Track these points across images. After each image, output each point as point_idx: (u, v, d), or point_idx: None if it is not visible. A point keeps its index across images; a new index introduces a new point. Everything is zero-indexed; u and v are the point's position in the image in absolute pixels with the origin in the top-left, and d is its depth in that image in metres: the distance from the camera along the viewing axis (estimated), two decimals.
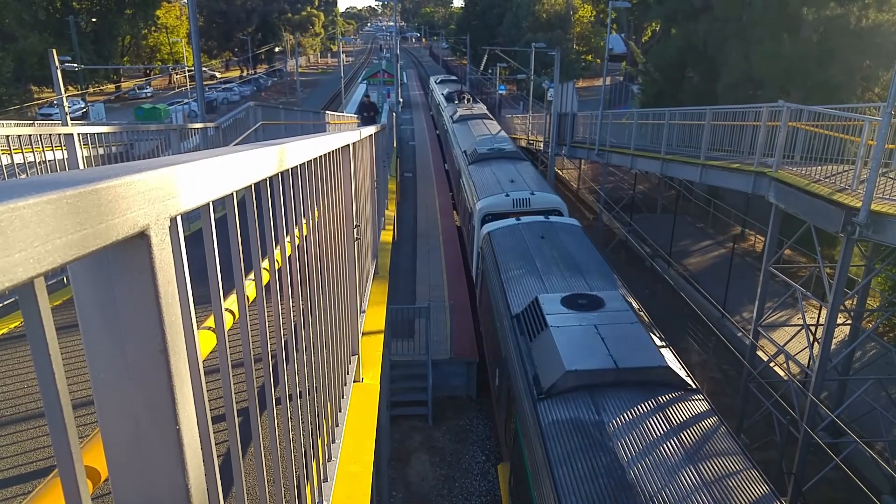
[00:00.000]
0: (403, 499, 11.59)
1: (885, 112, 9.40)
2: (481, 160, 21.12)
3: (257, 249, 1.47)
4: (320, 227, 2.47)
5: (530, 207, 16.19)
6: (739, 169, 13.80)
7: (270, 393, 1.54)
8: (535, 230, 14.12)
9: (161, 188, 0.80)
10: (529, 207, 16.18)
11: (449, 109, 38.21)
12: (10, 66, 40.77)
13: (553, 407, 7.53)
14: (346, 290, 3.40)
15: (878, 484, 11.57)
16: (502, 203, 16.34)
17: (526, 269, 11.96)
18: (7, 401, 3.50)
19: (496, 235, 14.29)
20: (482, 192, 17.50)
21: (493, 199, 16.61)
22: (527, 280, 11.49)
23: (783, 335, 13.51)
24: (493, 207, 16.24)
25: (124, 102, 58.00)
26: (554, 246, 13.16)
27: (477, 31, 77.26)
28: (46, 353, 0.63)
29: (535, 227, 14.31)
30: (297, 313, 1.98)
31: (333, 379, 2.84)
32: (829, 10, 20.01)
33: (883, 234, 9.55)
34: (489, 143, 23.49)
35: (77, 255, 0.61)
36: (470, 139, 25.74)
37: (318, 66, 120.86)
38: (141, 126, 9.80)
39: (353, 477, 2.95)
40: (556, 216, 15.89)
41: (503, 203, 16.34)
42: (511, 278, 11.78)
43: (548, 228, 14.31)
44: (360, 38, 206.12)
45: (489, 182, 18.29)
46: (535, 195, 16.64)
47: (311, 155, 2.18)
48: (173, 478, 0.86)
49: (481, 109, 37.09)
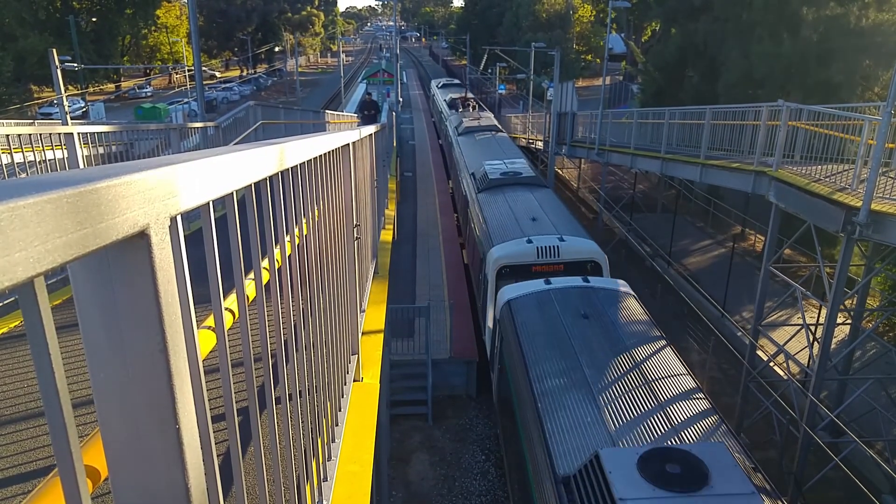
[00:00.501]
0: (403, 498, 11.59)
1: (884, 111, 9.40)
2: (493, 187, 17.80)
3: (257, 249, 1.47)
4: (320, 227, 2.47)
5: (559, 258, 12.92)
6: (739, 168, 13.80)
7: (270, 392, 1.54)
8: (574, 303, 10.44)
9: (161, 187, 0.80)
10: (558, 258, 12.91)
11: (453, 119, 33.21)
12: (10, 65, 40.78)
13: None
14: (345, 289, 3.40)
15: (877, 484, 11.58)
16: (523, 252, 13.01)
17: (569, 380, 8.22)
18: (7, 400, 3.50)
19: (519, 308, 10.66)
20: (497, 233, 14.19)
21: (511, 246, 13.26)
22: (574, 405, 7.69)
23: (783, 335, 13.51)
24: (512, 258, 12.99)
25: (124, 102, 58.00)
26: (604, 332, 9.46)
27: (477, 31, 77.31)
28: (46, 353, 0.63)
29: (572, 298, 10.63)
30: (297, 313, 1.98)
31: (333, 378, 2.84)
32: (829, 9, 20.01)
33: (883, 234, 9.55)
34: (502, 165, 19.74)
35: (77, 254, 0.61)
36: (478, 158, 21.90)
37: (318, 65, 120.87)
38: (141, 125, 9.81)
39: (352, 476, 2.95)
40: (593, 270, 12.84)
41: (524, 252, 13.00)
42: (549, 399, 7.96)
43: (590, 300, 10.57)
44: (360, 38, 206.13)
45: (505, 219, 14.96)
46: (566, 241, 13.20)
47: (311, 154, 2.18)
48: (173, 477, 0.86)
49: (489, 119, 32.03)
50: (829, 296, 10.68)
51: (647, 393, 7.66)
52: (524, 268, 12.77)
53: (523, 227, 14.12)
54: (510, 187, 17.63)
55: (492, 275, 12.95)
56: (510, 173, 18.53)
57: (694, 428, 7.09)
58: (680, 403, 7.47)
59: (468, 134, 27.56)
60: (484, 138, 26.32)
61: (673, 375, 8.14)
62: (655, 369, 8.23)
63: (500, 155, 22.12)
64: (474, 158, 22.22)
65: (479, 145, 24.80)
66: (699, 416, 7.33)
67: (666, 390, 7.72)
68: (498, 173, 18.53)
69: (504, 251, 13.13)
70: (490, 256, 13.28)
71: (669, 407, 7.37)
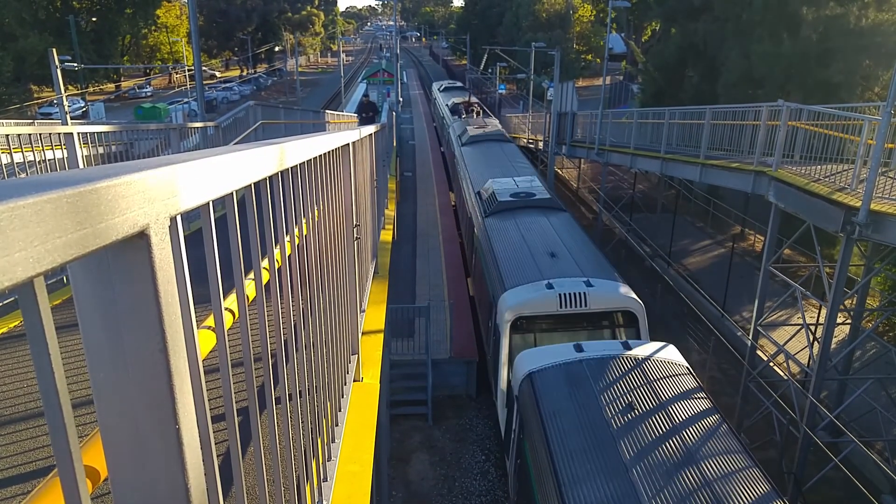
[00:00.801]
0: (403, 498, 11.59)
1: (884, 111, 9.40)
2: (503, 211, 15.60)
3: (257, 249, 1.47)
4: (320, 227, 2.47)
5: (587, 307, 10.67)
6: (739, 168, 13.80)
7: (270, 392, 1.54)
8: (615, 383, 8.15)
9: (161, 187, 0.80)
10: (586, 307, 10.68)
11: (456, 127, 30.12)
12: (10, 65, 40.80)
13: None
14: (345, 289, 3.40)
15: (877, 483, 11.58)
16: (542, 300, 10.79)
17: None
18: (7, 400, 3.50)
19: (545, 388, 8.32)
20: (509, 273, 12.00)
21: (527, 291, 11.10)
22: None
23: (783, 335, 13.52)
24: (529, 307, 10.83)
25: (124, 102, 58.01)
26: (659, 434, 7.06)
27: (477, 31, 77.38)
28: (46, 353, 0.63)
29: (612, 376, 8.28)
30: (297, 313, 1.98)
31: (333, 378, 2.84)
32: (829, 9, 20.02)
33: (882, 234, 9.55)
34: (512, 184, 17.43)
35: (77, 254, 0.61)
36: (485, 174, 19.47)
37: (318, 65, 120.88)
38: (141, 125, 9.80)
39: (352, 476, 2.95)
40: (626, 322, 10.85)
41: (544, 300, 10.78)
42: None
43: (635, 379, 8.20)
44: (360, 38, 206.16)
45: (518, 254, 12.82)
46: (594, 287, 10.88)
47: (311, 154, 2.18)
48: (173, 477, 0.86)
49: (495, 127, 29.10)
50: (828, 296, 10.68)
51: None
52: (544, 319, 10.86)
53: (541, 265, 12.02)
54: (522, 211, 15.50)
55: (505, 327, 10.83)
56: (522, 194, 16.31)
57: None
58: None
59: (473, 144, 24.96)
60: (491, 149, 23.90)
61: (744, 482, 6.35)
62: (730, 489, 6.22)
63: (509, 170, 20.13)
64: (480, 174, 19.88)
65: (486, 157, 22.42)
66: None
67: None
68: (508, 194, 16.31)
69: (519, 299, 10.96)
70: (502, 304, 11.14)
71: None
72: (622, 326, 10.84)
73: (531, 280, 11.42)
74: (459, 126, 29.57)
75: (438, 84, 56.23)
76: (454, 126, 30.74)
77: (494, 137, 25.80)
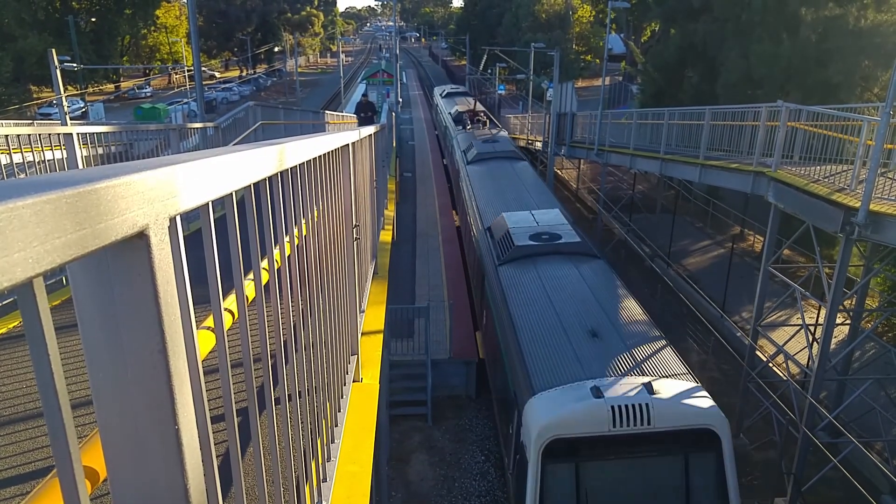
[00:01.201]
0: (403, 499, 11.58)
1: (883, 112, 9.40)
2: (522, 258, 12.59)
3: (256, 249, 1.47)
4: (320, 227, 2.47)
5: (650, 425, 7.63)
6: (738, 169, 13.80)
7: (270, 393, 1.54)
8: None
9: (160, 188, 0.80)
10: (648, 424, 7.63)
11: (461, 140, 26.38)
12: (10, 65, 40.79)
13: None
14: (345, 289, 3.40)
15: (877, 484, 11.58)
16: (586, 414, 7.73)
17: None
18: (6, 401, 3.50)
19: None
20: (537, 365, 8.84)
21: (564, 400, 7.99)
22: None
23: (782, 335, 13.52)
24: (568, 425, 7.75)
25: (124, 102, 57.99)
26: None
27: (476, 31, 77.44)
28: (45, 353, 0.63)
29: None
30: (297, 313, 1.98)
31: (333, 379, 2.84)
32: (828, 10, 20.04)
33: (882, 234, 9.55)
34: (531, 220, 14.18)
35: (76, 255, 0.61)
36: (496, 203, 16.38)
37: (318, 65, 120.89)
38: (140, 126, 9.80)
39: (352, 477, 2.95)
40: (703, 443, 7.81)
41: (588, 414, 7.72)
42: None
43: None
44: (360, 38, 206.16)
45: (547, 335, 9.57)
46: (660, 394, 7.85)
47: (310, 155, 2.18)
48: (172, 478, 0.86)
49: (506, 142, 25.23)
50: (828, 296, 10.69)
51: None
52: (589, 442, 7.68)
53: (580, 351, 8.92)
54: (546, 258, 12.47)
55: (534, 449, 7.70)
56: (545, 236, 13.19)
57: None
58: None
59: (481, 162, 21.72)
60: (501, 169, 20.74)
61: None
62: None
63: (524, 198, 17.01)
64: (490, 202, 16.83)
65: (496, 180, 19.28)
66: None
67: None
68: (527, 236, 13.25)
69: (554, 412, 7.83)
70: (530, 415, 8.06)
71: None
72: (698, 450, 7.78)
73: (568, 379, 8.29)
74: (464, 139, 26.38)
75: (440, 89, 51.45)
76: (458, 139, 27.20)
77: (505, 154, 22.44)
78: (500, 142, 24.81)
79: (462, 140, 26.37)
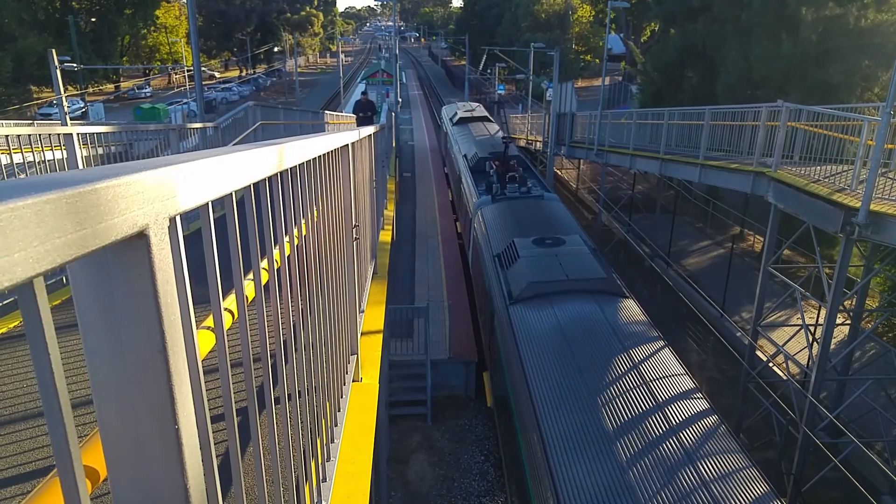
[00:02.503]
0: (402, 498, 11.58)
1: (883, 112, 9.40)
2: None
3: (256, 249, 1.47)
4: (319, 227, 2.47)
5: None
6: (738, 169, 13.80)
7: (269, 393, 1.54)
8: None
9: (160, 188, 0.80)
10: None
11: (486, 217, 15.54)
12: (10, 65, 40.78)
13: None
14: (344, 289, 3.40)
15: (877, 484, 11.58)
16: None
17: None
18: (6, 400, 3.50)
19: None
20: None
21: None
22: None
23: (782, 335, 13.52)
24: None
25: (123, 102, 57.98)
26: None
27: (476, 31, 77.43)
28: (46, 353, 0.63)
29: None
30: (296, 313, 1.99)
31: (332, 379, 2.84)
32: (828, 9, 20.04)
33: (882, 235, 9.55)
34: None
35: (76, 254, 0.61)
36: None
37: (318, 65, 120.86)
38: (140, 126, 9.80)
39: (351, 477, 2.95)
40: None
41: None
42: None
43: None
44: (359, 38, 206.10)
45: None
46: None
47: (310, 155, 2.18)
48: (172, 477, 0.86)
49: (566, 219, 15.20)
50: (828, 296, 10.69)
51: None
52: None
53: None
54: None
55: None
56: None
57: None
58: None
59: (530, 301, 10.93)
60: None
61: None
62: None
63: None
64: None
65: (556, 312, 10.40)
66: None
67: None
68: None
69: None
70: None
71: None
72: None
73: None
74: (493, 215, 15.25)
75: (450, 109, 35.76)
76: (485, 215, 15.55)
77: (592, 287, 10.96)
78: (572, 245, 12.66)
79: (489, 216, 15.16)
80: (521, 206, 15.88)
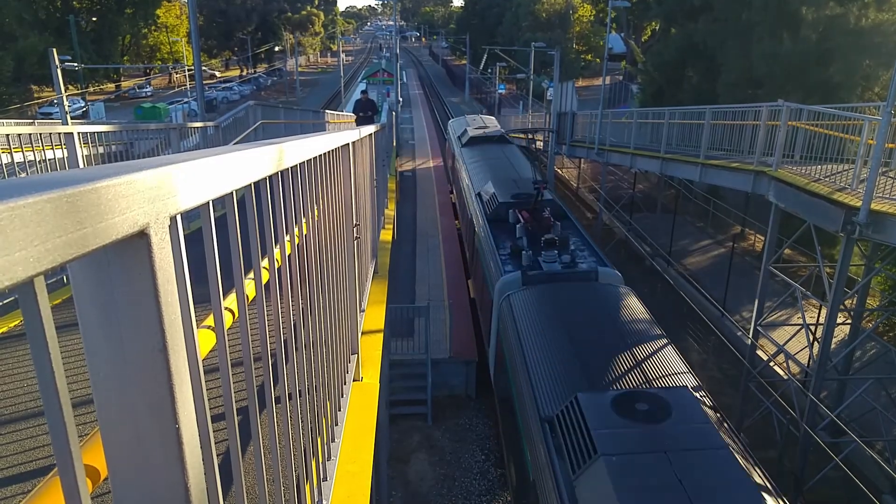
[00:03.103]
0: (403, 498, 11.59)
1: (884, 111, 9.40)
2: None
3: (257, 248, 1.47)
4: (320, 227, 2.47)
5: None
6: (739, 168, 13.80)
7: (270, 392, 1.54)
8: None
9: (161, 187, 0.80)
10: None
11: (517, 303, 10.25)
12: (10, 65, 40.79)
13: None
14: (345, 289, 3.40)
15: (878, 483, 11.58)
16: None
17: None
18: (7, 400, 3.50)
19: None
20: None
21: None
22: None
23: (783, 334, 13.51)
24: None
25: (124, 101, 58.01)
26: None
27: (476, 31, 77.46)
28: (46, 352, 0.63)
29: None
30: (297, 312, 1.99)
31: (333, 378, 2.84)
32: (829, 9, 20.02)
33: (883, 234, 9.55)
34: None
35: (77, 254, 0.61)
36: None
37: (318, 65, 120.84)
38: (141, 125, 9.81)
39: (352, 476, 2.95)
40: None
41: None
42: None
43: None
44: (360, 38, 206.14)
45: None
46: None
47: (311, 154, 2.18)
48: (173, 477, 0.86)
49: (643, 323, 9.45)
50: (828, 296, 10.68)
51: None
52: None
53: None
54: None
55: None
56: None
57: None
58: None
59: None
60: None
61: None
62: None
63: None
64: None
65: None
66: None
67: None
68: None
69: None
70: None
71: None
72: None
73: None
74: (528, 313, 9.91)
75: (458, 125, 29.43)
76: (514, 307, 10.27)
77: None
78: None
79: (520, 305, 10.33)
80: (568, 295, 10.36)
